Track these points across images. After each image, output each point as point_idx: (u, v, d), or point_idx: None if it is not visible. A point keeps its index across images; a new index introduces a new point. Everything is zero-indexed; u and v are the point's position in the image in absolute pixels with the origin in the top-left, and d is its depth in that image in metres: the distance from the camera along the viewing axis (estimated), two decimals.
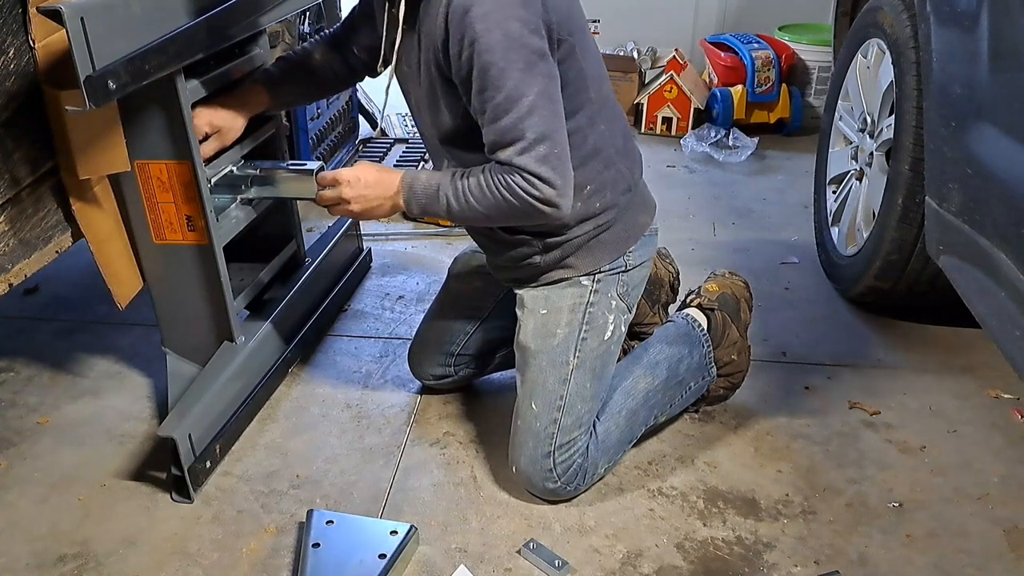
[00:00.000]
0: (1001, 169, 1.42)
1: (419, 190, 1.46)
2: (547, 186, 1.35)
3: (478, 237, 1.65)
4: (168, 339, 1.74)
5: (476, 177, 1.40)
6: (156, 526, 1.51)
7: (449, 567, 1.42)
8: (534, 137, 1.33)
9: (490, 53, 1.29)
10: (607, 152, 1.51)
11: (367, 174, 1.48)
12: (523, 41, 1.30)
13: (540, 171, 1.35)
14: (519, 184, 1.36)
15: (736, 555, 1.45)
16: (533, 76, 1.32)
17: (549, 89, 1.34)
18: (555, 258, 1.55)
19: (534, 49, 1.32)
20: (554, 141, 1.35)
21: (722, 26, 3.84)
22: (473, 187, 1.40)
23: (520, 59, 1.31)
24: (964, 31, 1.55)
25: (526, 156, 1.34)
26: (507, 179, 1.36)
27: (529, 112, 1.32)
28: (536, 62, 1.32)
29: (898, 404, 1.83)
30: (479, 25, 1.28)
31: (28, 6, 1.31)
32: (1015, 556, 1.45)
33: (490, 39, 1.29)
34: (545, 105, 1.33)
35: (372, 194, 1.48)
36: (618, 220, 1.55)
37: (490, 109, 1.34)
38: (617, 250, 1.57)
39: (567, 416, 1.52)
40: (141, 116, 1.50)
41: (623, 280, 1.59)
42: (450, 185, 1.43)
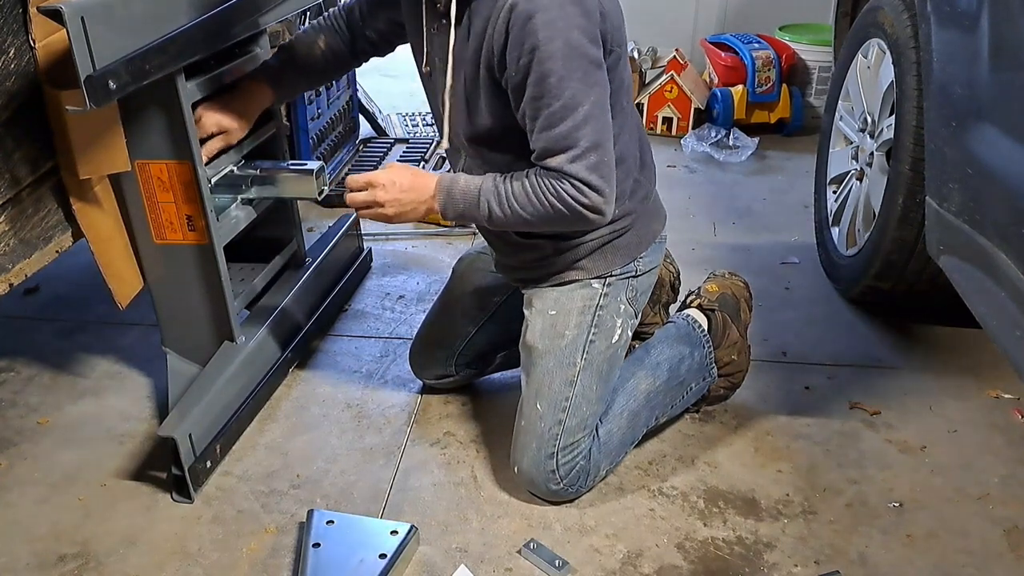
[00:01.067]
0: (1001, 169, 1.42)
1: (457, 195, 1.44)
2: (596, 194, 1.37)
3: (490, 237, 1.65)
4: (168, 339, 1.74)
5: (521, 182, 1.40)
6: (156, 526, 1.51)
7: (449, 567, 1.42)
8: (587, 146, 1.34)
9: (552, 61, 1.30)
10: (629, 162, 1.53)
11: (402, 177, 1.45)
12: (583, 51, 1.32)
13: (591, 179, 1.36)
14: (568, 191, 1.36)
15: (736, 555, 1.45)
16: (590, 86, 1.33)
17: (602, 99, 1.36)
18: (567, 261, 1.56)
19: (592, 59, 1.33)
20: (604, 149, 1.37)
21: (722, 26, 3.84)
22: (518, 192, 1.40)
23: (579, 68, 1.32)
24: (965, 31, 1.55)
25: (578, 164, 1.35)
26: (556, 186, 1.37)
27: (584, 121, 1.33)
28: (593, 72, 1.34)
29: (898, 404, 1.83)
30: (542, 33, 1.29)
31: (28, 6, 1.31)
32: (1015, 556, 1.45)
33: (552, 47, 1.29)
34: (598, 115, 1.35)
35: (407, 198, 1.45)
36: (633, 226, 1.57)
37: (544, 116, 1.34)
38: (629, 255, 1.57)
39: (572, 418, 1.52)
40: (141, 116, 1.50)
41: (632, 285, 1.59)
42: (492, 190, 1.41)
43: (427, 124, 3.51)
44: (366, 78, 3.54)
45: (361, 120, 3.24)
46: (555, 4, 1.29)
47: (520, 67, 1.33)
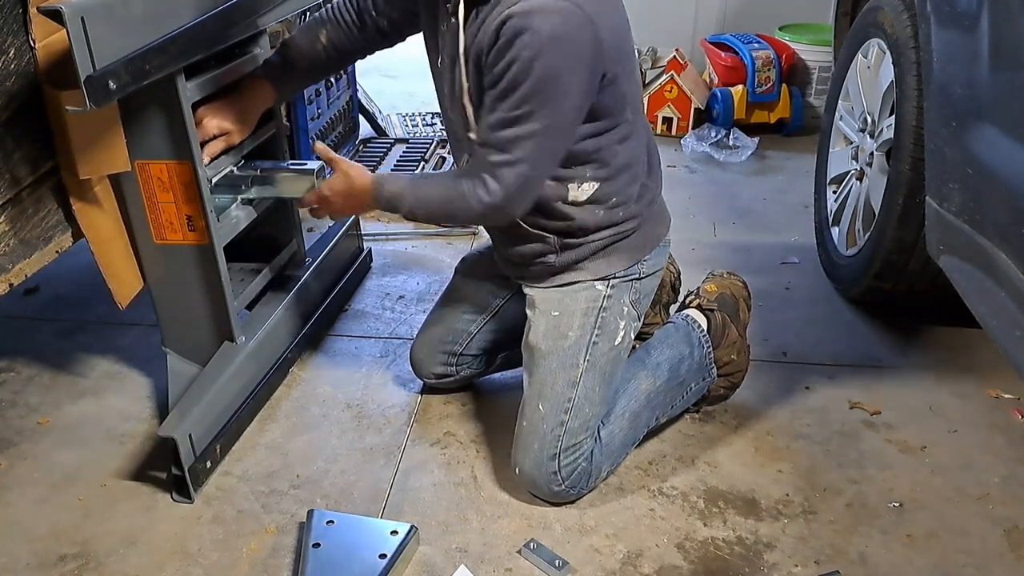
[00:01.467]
0: (1001, 169, 1.42)
1: (385, 193, 1.52)
2: (505, 199, 1.41)
3: (493, 230, 1.65)
4: (168, 339, 1.74)
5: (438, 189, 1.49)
6: (156, 526, 1.51)
7: (449, 567, 1.42)
8: (523, 156, 1.38)
9: (524, 76, 1.33)
10: (635, 167, 1.54)
11: (339, 185, 1.58)
12: (558, 79, 1.34)
13: (513, 187, 1.40)
14: (480, 191, 1.41)
15: (736, 555, 1.45)
16: (550, 110, 1.36)
17: (558, 124, 1.38)
18: (570, 260, 1.56)
19: (564, 89, 1.35)
20: (538, 167, 1.41)
21: (722, 26, 3.84)
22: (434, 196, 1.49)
23: (547, 92, 1.34)
24: (964, 31, 1.55)
25: (509, 169, 1.39)
26: (472, 186, 1.42)
27: (530, 135, 1.37)
28: (560, 100, 1.36)
29: (898, 404, 1.83)
30: (525, 52, 1.31)
31: (28, 6, 1.31)
32: (1015, 556, 1.45)
33: (530, 67, 1.32)
34: (546, 137, 1.38)
35: (349, 202, 1.59)
36: (638, 229, 1.58)
37: (498, 114, 1.37)
38: (632, 258, 1.58)
39: (574, 419, 1.52)
40: (141, 116, 1.50)
41: (636, 287, 1.60)
42: (412, 193, 1.50)
43: (427, 124, 3.51)
44: (366, 78, 3.54)
45: (361, 120, 3.24)
46: (547, 29, 1.30)
47: (496, 73, 1.36)
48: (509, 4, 1.33)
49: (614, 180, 1.51)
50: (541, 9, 1.31)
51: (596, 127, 1.45)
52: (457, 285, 1.83)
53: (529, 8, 1.31)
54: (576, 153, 1.46)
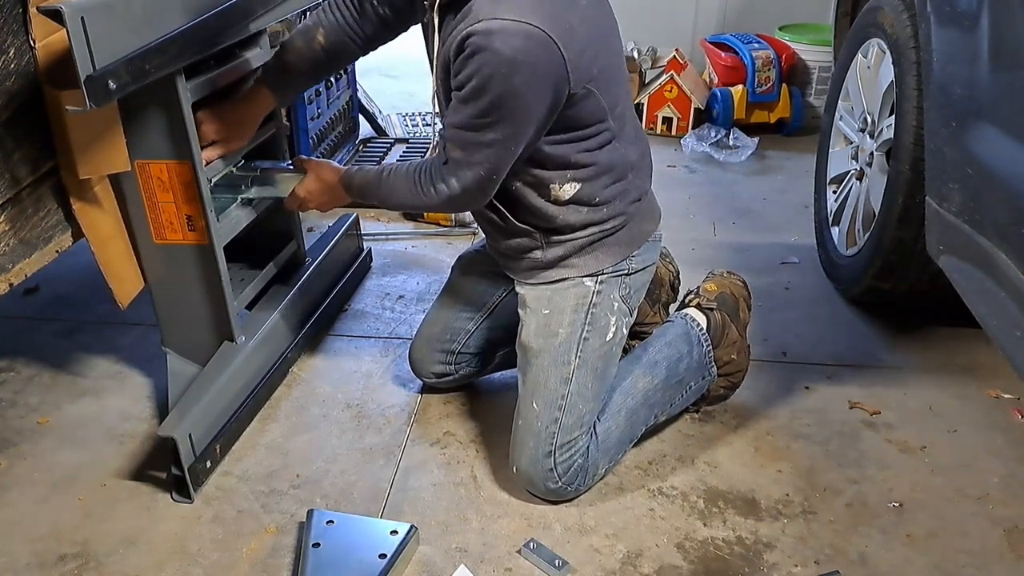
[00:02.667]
0: (1001, 169, 1.42)
1: (355, 187, 1.59)
2: (462, 193, 1.45)
3: (483, 223, 1.65)
4: (168, 339, 1.74)
5: (403, 181, 1.52)
6: (156, 526, 1.51)
7: (449, 567, 1.42)
8: (481, 160, 1.41)
9: (483, 91, 1.34)
10: (620, 168, 1.54)
11: (313, 186, 1.66)
12: (517, 98, 1.35)
13: (469, 186, 1.44)
14: (440, 185, 1.46)
15: (736, 555, 1.45)
16: (509, 124, 1.37)
17: (517, 137, 1.40)
18: (556, 256, 1.56)
19: (523, 106, 1.36)
20: (495, 171, 1.44)
21: (722, 26, 3.84)
22: (400, 188, 1.53)
23: (508, 108, 1.35)
24: (965, 31, 1.55)
25: (468, 170, 1.43)
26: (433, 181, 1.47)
27: (490, 144, 1.40)
28: (519, 116, 1.37)
29: (898, 404, 1.83)
30: (485, 69, 1.32)
31: (28, 6, 1.31)
32: (1015, 556, 1.45)
33: (488, 83, 1.33)
34: (505, 147, 1.40)
35: (326, 198, 1.66)
36: (624, 227, 1.58)
37: (462, 116, 1.39)
38: (620, 254, 1.58)
39: (568, 416, 1.52)
40: (141, 116, 1.50)
41: (626, 283, 1.60)
42: (378, 185, 1.56)
43: (427, 124, 3.51)
44: (366, 78, 3.54)
45: (361, 120, 3.24)
46: (507, 51, 1.30)
47: (459, 81, 1.37)
48: (474, 20, 1.32)
49: (596, 180, 1.51)
50: (502, 31, 1.30)
51: (573, 135, 1.46)
52: (454, 284, 1.83)
53: (490, 28, 1.30)
54: (554, 157, 1.47)
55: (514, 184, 1.51)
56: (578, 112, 1.43)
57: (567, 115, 1.42)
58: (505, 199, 1.54)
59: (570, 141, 1.47)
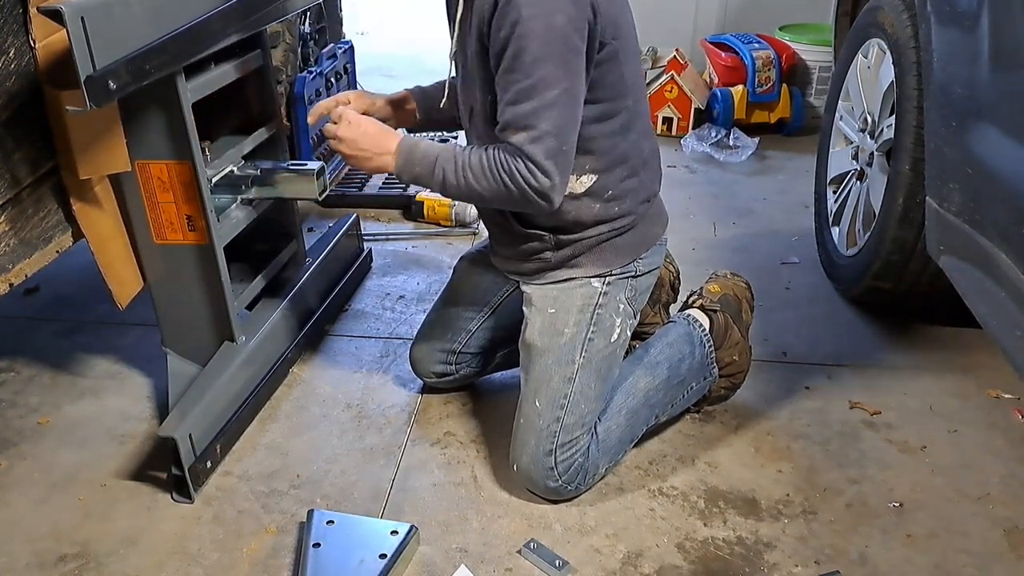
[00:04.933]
0: (1001, 169, 1.42)
1: (416, 158, 1.46)
2: (547, 179, 1.38)
3: (491, 227, 1.65)
4: (168, 339, 1.74)
5: (479, 155, 1.42)
6: (156, 526, 1.51)
7: (449, 567, 1.42)
8: (547, 129, 1.36)
9: (529, 39, 1.31)
10: (633, 162, 1.54)
11: (369, 124, 1.50)
12: (564, 36, 1.33)
13: (545, 164, 1.37)
14: (520, 171, 1.38)
15: (737, 555, 1.45)
16: (563, 72, 1.34)
17: (574, 89, 1.37)
18: (565, 256, 1.56)
19: (572, 47, 1.34)
20: (564, 139, 1.38)
21: (722, 26, 3.84)
22: (474, 163, 1.42)
23: (556, 53, 1.33)
24: (965, 31, 1.55)
25: (536, 145, 1.36)
26: (511, 163, 1.38)
27: (551, 105, 1.35)
28: (570, 59, 1.35)
29: (898, 404, 1.83)
30: (526, 10, 1.31)
31: (28, 6, 1.31)
32: (1015, 556, 1.45)
33: (533, 25, 1.31)
34: (566, 103, 1.36)
35: (364, 143, 1.49)
36: (633, 227, 1.57)
37: (513, 91, 1.36)
38: (628, 255, 1.58)
39: (570, 415, 1.52)
40: (141, 116, 1.50)
41: (632, 285, 1.60)
42: (451, 159, 1.44)
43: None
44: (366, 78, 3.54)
45: None
46: None
47: (500, 39, 1.34)
48: None
49: (611, 172, 1.51)
50: None
51: (597, 110, 1.45)
52: (456, 283, 1.83)
53: None
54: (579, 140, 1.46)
55: None
56: (604, 76, 1.42)
57: (595, 77, 1.41)
58: None
59: (595, 120, 1.45)
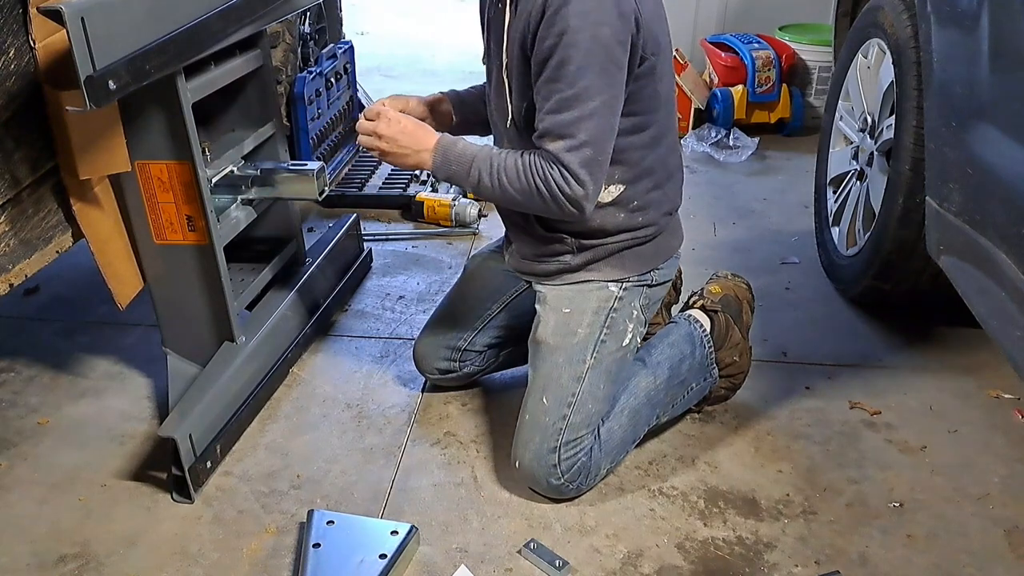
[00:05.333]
0: (1001, 169, 1.42)
1: (453, 157, 1.47)
2: (580, 188, 1.39)
3: (512, 228, 1.65)
4: (169, 339, 1.74)
5: (515, 159, 1.43)
6: (157, 526, 1.51)
7: (450, 567, 1.42)
8: (586, 139, 1.37)
9: (574, 48, 1.33)
10: (659, 174, 1.55)
11: (408, 121, 1.50)
12: (608, 49, 1.35)
13: (580, 172, 1.39)
14: (555, 178, 1.39)
15: (737, 555, 1.45)
16: (605, 84, 1.36)
17: (614, 101, 1.39)
18: (585, 260, 1.57)
19: (615, 59, 1.36)
20: (601, 149, 1.39)
21: (722, 26, 3.84)
22: (510, 167, 1.43)
23: (599, 64, 1.35)
24: (965, 31, 1.55)
25: (573, 154, 1.38)
26: (546, 170, 1.40)
27: (591, 115, 1.36)
28: (613, 72, 1.36)
29: (898, 404, 1.83)
30: (574, 20, 1.32)
31: (28, 6, 1.31)
32: (1015, 556, 1.45)
33: (579, 36, 1.33)
34: (605, 114, 1.38)
35: (404, 141, 1.49)
36: (655, 237, 1.59)
37: (555, 100, 1.37)
38: (647, 264, 1.59)
39: (577, 413, 1.52)
40: (141, 116, 1.50)
41: (647, 294, 1.61)
42: (487, 160, 1.45)
43: None
44: (366, 78, 3.54)
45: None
46: (589, 1, 1.32)
47: (545, 48, 1.36)
48: None
49: (638, 183, 1.52)
50: None
51: (631, 123, 1.46)
52: (465, 281, 1.84)
53: None
54: None
55: None
56: (640, 91, 1.44)
57: (631, 91, 1.42)
58: None
59: (627, 132, 1.46)
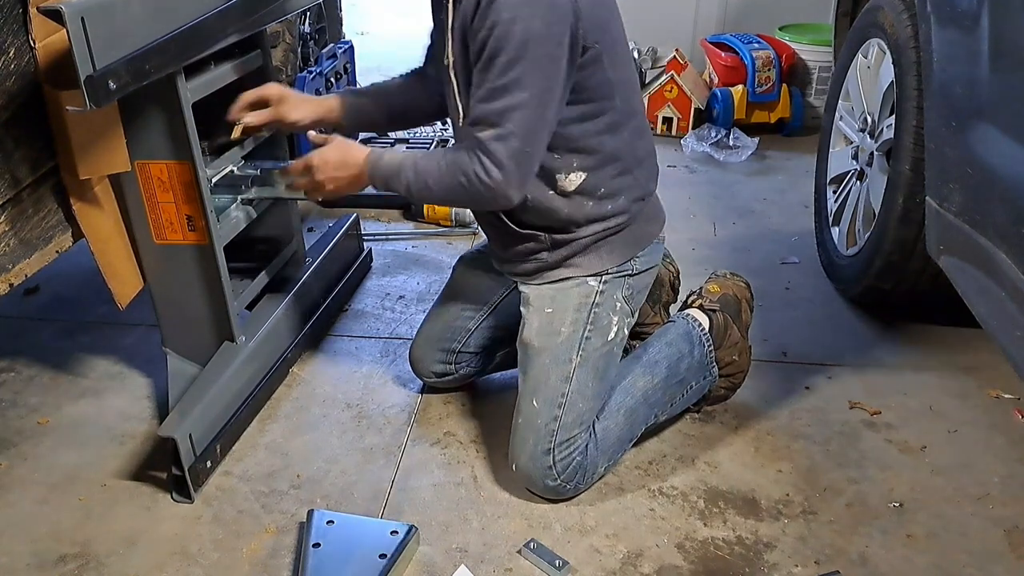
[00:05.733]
0: (1001, 169, 1.42)
1: (383, 165, 1.50)
2: (501, 175, 1.39)
3: (487, 228, 1.65)
4: (168, 339, 1.74)
5: (436, 160, 1.45)
6: (157, 526, 1.51)
7: (450, 567, 1.42)
8: (513, 129, 1.37)
9: (505, 41, 1.33)
10: (626, 160, 1.54)
11: (332, 155, 1.53)
12: (540, 41, 1.34)
13: (506, 162, 1.39)
14: (477, 171, 1.40)
15: (737, 555, 1.45)
16: (537, 76, 1.35)
17: (546, 94, 1.38)
18: (561, 256, 1.56)
19: (547, 52, 1.35)
20: (529, 140, 1.39)
21: (722, 26, 3.84)
22: (432, 169, 1.46)
23: (530, 57, 1.34)
24: (964, 31, 1.55)
25: (500, 143, 1.38)
26: (467, 164, 1.40)
27: (520, 106, 1.36)
28: (545, 65, 1.36)
29: (898, 404, 1.83)
30: (505, 13, 1.33)
31: (28, 6, 1.31)
32: (1015, 556, 1.45)
33: (511, 28, 1.33)
34: (535, 107, 1.37)
35: (342, 175, 1.53)
36: (627, 226, 1.58)
37: (485, 89, 1.38)
38: (624, 254, 1.58)
39: (568, 413, 1.52)
40: (141, 116, 1.50)
41: (629, 283, 1.60)
42: (412, 165, 1.48)
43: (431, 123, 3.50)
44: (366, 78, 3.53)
45: None
46: None
47: (479, 40, 1.36)
48: None
49: (601, 170, 1.52)
50: None
51: (581, 111, 1.46)
52: (456, 283, 1.83)
53: None
54: (563, 139, 1.47)
55: None
56: (587, 79, 1.43)
57: (578, 81, 1.42)
58: None
59: (578, 120, 1.46)
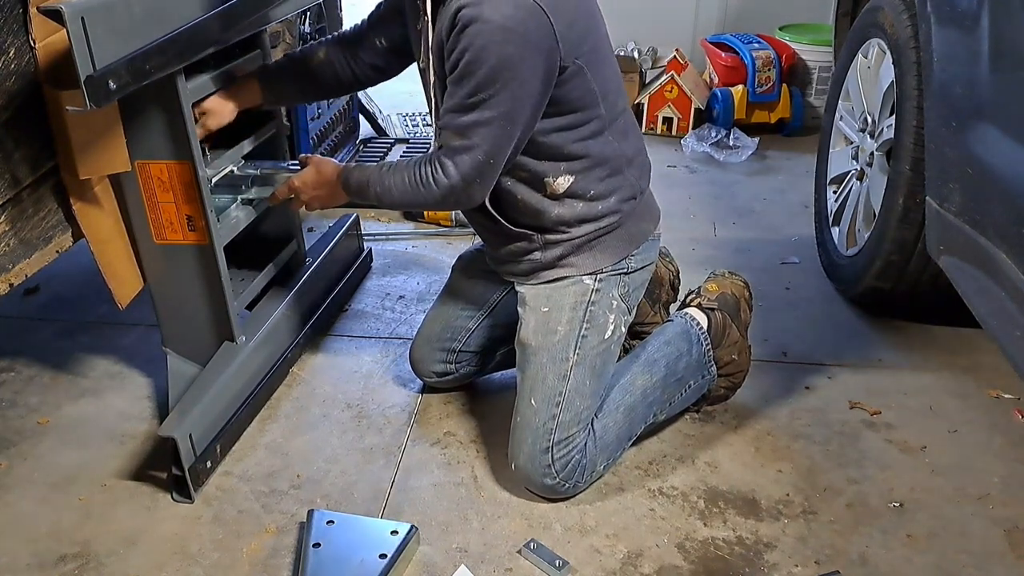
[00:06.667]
0: (1001, 169, 1.42)
1: (352, 183, 1.56)
2: (463, 183, 1.43)
3: (481, 230, 1.66)
4: (169, 339, 1.74)
5: (402, 174, 1.48)
6: (157, 526, 1.51)
7: (450, 567, 1.42)
8: (478, 143, 1.40)
9: (478, 65, 1.35)
10: (615, 162, 1.55)
11: (309, 177, 1.62)
12: (512, 67, 1.35)
13: (469, 172, 1.42)
14: (439, 177, 1.43)
15: (737, 555, 1.45)
16: (506, 96, 1.37)
17: (514, 114, 1.39)
18: (555, 255, 1.57)
19: (518, 76, 1.36)
20: (493, 155, 1.42)
21: (723, 26, 3.84)
22: (396, 180, 1.49)
23: (502, 80, 1.36)
24: (965, 31, 1.55)
25: (465, 155, 1.41)
26: (429, 172, 1.44)
27: (487, 123, 1.39)
28: (514, 88, 1.37)
29: (898, 404, 1.83)
30: (478, 40, 1.33)
31: (28, 6, 1.31)
32: (1015, 556, 1.45)
33: (483, 55, 1.34)
34: (502, 125, 1.39)
35: (321, 192, 1.62)
36: (620, 225, 1.58)
37: (457, 101, 1.40)
38: (618, 253, 1.58)
39: (566, 412, 1.52)
40: (141, 116, 1.50)
41: (625, 281, 1.60)
42: (378, 178, 1.52)
43: (427, 124, 3.51)
44: None
45: (361, 120, 3.24)
46: (497, 19, 1.32)
47: (453, 59, 1.38)
48: None
49: (590, 173, 1.52)
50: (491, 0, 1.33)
51: (565, 121, 1.47)
52: (455, 283, 1.83)
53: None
54: (547, 147, 1.48)
55: (508, 181, 1.52)
56: (568, 93, 1.44)
57: (558, 95, 1.43)
58: (501, 200, 1.55)
59: (562, 129, 1.47)
